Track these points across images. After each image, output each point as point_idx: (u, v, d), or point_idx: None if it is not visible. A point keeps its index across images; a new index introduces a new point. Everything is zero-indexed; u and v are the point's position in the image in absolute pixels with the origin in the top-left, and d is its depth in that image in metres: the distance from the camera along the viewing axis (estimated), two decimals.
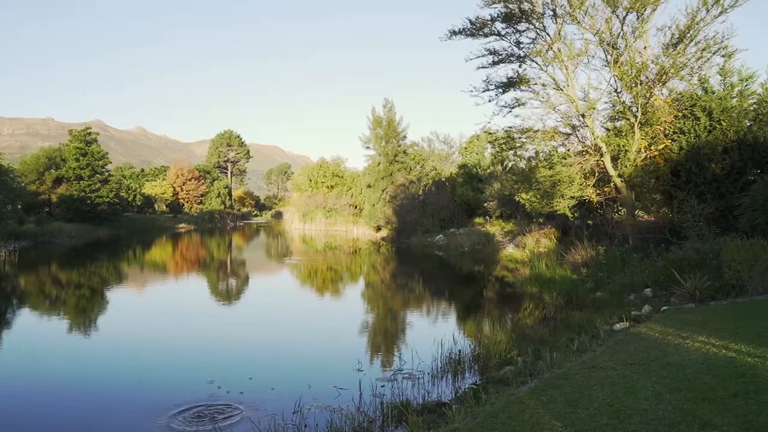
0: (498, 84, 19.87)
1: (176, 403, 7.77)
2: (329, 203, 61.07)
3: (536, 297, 16.06)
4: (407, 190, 43.74)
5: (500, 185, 33.36)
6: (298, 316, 15.84)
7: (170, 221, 69.46)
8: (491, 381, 7.99)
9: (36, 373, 9.77)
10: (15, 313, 16.42)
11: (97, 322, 14.87)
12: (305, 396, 7.92)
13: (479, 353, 9.53)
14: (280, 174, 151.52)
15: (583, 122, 19.28)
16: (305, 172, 69.88)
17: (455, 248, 32.58)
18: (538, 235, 26.31)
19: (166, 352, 11.34)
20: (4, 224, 34.48)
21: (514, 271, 22.31)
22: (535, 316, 13.57)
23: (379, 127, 48.02)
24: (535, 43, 19.05)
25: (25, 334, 13.44)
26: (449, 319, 15.13)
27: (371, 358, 10.72)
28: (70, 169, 50.98)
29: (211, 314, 16.14)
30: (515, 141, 21.37)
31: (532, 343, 9.80)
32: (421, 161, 52.66)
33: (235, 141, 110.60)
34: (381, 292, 20.61)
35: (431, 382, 8.60)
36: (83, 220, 49.31)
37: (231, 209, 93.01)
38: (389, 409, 7.01)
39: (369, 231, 49.52)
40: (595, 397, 5.51)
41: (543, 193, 20.53)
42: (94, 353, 11.41)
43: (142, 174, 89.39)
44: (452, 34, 19.75)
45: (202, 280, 25.03)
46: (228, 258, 35.75)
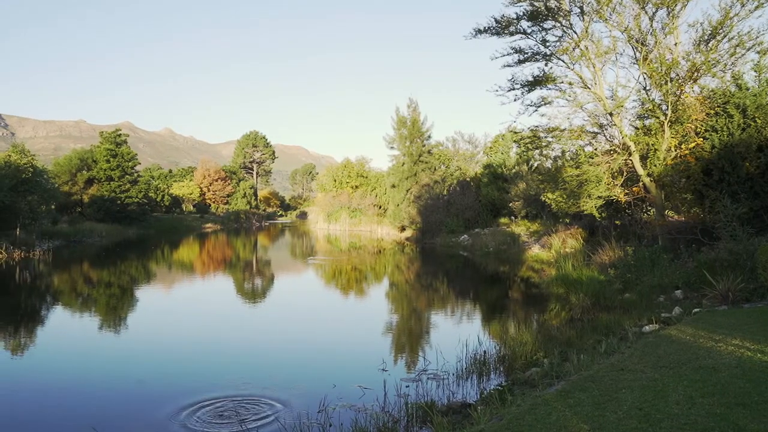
0: (524, 83, 19.65)
1: (201, 399, 7.88)
2: (354, 203, 61.25)
3: (562, 298, 15.85)
4: (432, 190, 43.61)
5: (526, 185, 33.03)
6: (322, 315, 15.92)
7: (197, 221, 70.53)
8: (517, 382, 7.91)
9: (67, 367, 10.03)
10: (49, 310, 16.89)
11: (127, 320, 15.19)
12: (330, 395, 7.96)
13: (504, 354, 9.45)
14: (304, 174, 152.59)
15: (611, 121, 18.96)
16: (330, 172, 70.22)
17: (480, 248, 32.36)
18: (564, 235, 25.96)
19: (192, 349, 11.51)
20: (38, 224, 35.44)
21: (539, 271, 22.06)
22: (562, 318, 13.39)
23: (404, 127, 47.98)
24: (562, 41, 18.80)
25: (58, 330, 13.80)
26: (474, 320, 15.04)
27: (396, 358, 10.72)
28: (101, 170, 52.14)
29: (237, 313, 16.34)
30: (541, 140, 21.11)
31: (558, 345, 9.67)
32: (446, 161, 52.45)
33: (261, 142, 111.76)
34: (405, 292, 20.59)
35: (456, 383, 8.55)
36: (113, 220, 50.40)
37: (256, 209, 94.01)
38: (414, 409, 7.00)
39: (393, 231, 49.51)
40: (624, 401, 5.41)
41: (569, 193, 20.25)
42: (124, 349, 11.65)
43: (170, 175, 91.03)
44: (477, 32, 19.61)
45: (228, 279, 25.35)
46: (253, 258, 36.14)
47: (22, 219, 32.24)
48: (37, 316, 15.66)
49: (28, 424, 7.40)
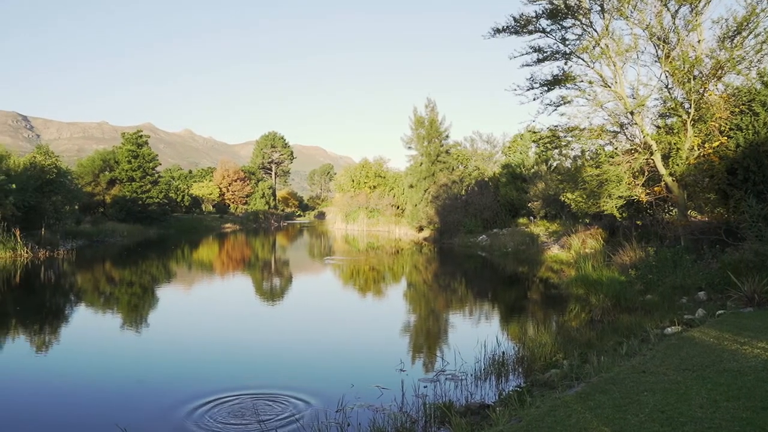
0: (543, 82, 19.47)
1: (220, 397, 7.95)
2: (371, 203, 61.31)
3: (582, 299, 15.68)
4: (450, 190, 43.47)
5: (545, 185, 32.76)
6: (340, 315, 15.97)
7: (216, 221, 71.21)
8: (536, 384, 7.84)
9: (89, 365, 10.20)
10: (73, 308, 17.20)
11: (148, 318, 15.40)
12: (348, 395, 7.97)
13: (523, 355, 9.37)
14: (323, 174, 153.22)
15: (632, 120, 18.70)
16: (348, 172, 70.39)
17: (498, 249, 32.17)
18: (584, 235, 25.69)
19: (212, 348, 11.62)
20: (62, 224, 36.09)
21: (559, 272, 21.86)
22: (581, 319, 13.25)
23: (421, 127, 47.91)
24: (582, 40, 18.58)
25: (82, 328, 14.05)
26: (492, 321, 14.95)
27: (413, 359, 10.70)
28: (123, 171, 52.93)
29: (255, 312, 16.47)
30: (560, 140, 20.90)
31: (578, 346, 9.56)
32: (464, 161, 52.23)
33: (279, 142, 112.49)
34: (423, 293, 20.55)
35: (474, 384, 8.51)
36: (135, 220, 51.13)
37: (275, 209, 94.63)
38: (432, 409, 6.98)
39: (411, 231, 49.45)
40: (646, 403, 5.33)
41: (589, 193, 20.01)
42: (145, 347, 11.82)
43: (189, 175, 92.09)
44: (496, 32, 19.48)
45: (247, 279, 25.56)
46: (272, 257, 36.39)
47: (47, 219, 32.86)
48: (61, 315, 15.96)
49: (52, 421, 7.54)
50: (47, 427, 7.28)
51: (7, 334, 13.15)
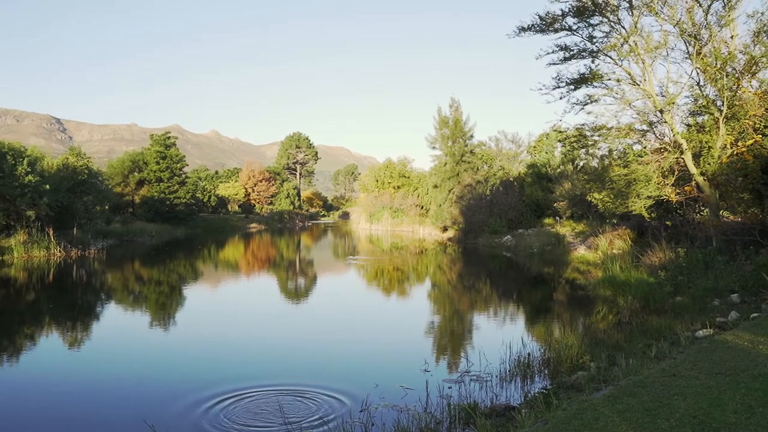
0: (569, 80, 19.22)
1: (244, 393, 8.04)
2: (395, 203, 61.30)
3: (610, 300, 15.43)
4: (474, 190, 43.20)
5: (571, 185, 32.32)
6: (364, 315, 16.00)
7: (242, 221, 72.03)
8: (562, 386, 7.73)
9: (119, 361, 10.42)
10: (104, 306, 17.60)
11: (176, 316, 15.66)
12: (372, 395, 7.98)
13: (549, 357, 9.26)
14: (347, 175, 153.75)
15: (662, 118, 18.32)
16: (372, 172, 70.50)
17: (524, 249, 31.85)
18: (611, 236, 25.26)
19: (237, 346, 11.76)
20: (93, 224, 36.94)
21: (585, 273, 21.55)
22: (609, 321, 13.04)
23: (446, 127, 47.72)
24: (609, 37, 18.29)
25: (112, 325, 14.36)
26: (517, 322, 14.81)
27: (438, 359, 10.66)
28: (152, 172, 53.90)
29: (280, 311, 16.61)
30: (587, 139, 20.60)
31: (605, 349, 9.40)
32: (489, 161, 51.85)
33: (304, 143, 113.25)
34: (447, 293, 20.47)
35: (499, 385, 8.44)
36: (163, 220, 52.02)
37: (300, 210, 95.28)
38: (456, 410, 6.94)
39: (435, 231, 49.30)
40: (677, 408, 5.21)
41: (617, 193, 19.68)
42: (173, 344, 12.03)
43: (216, 176, 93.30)
44: (521, 30, 19.31)
45: (272, 278, 25.79)
46: (297, 257, 36.66)
47: (79, 219, 33.65)
48: (92, 312, 16.34)
49: (81, 416, 7.71)
50: (77, 422, 7.45)
51: (41, 331, 13.51)
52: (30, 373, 9.78)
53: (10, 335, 12.95)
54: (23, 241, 28.05)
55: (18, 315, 15.29)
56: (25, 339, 12.56)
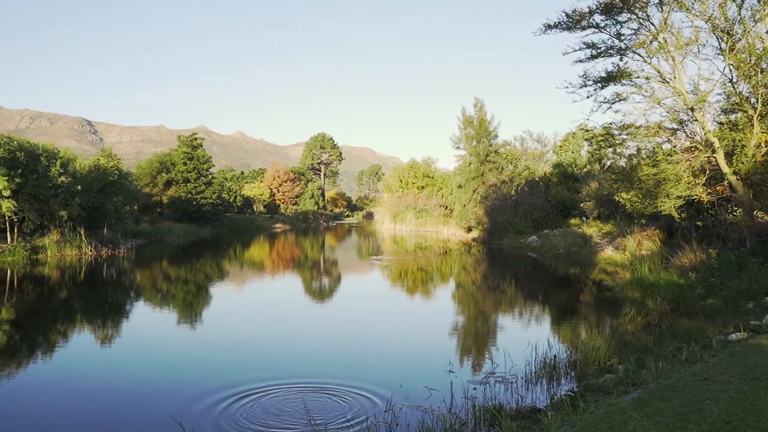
0: (596, 79, 18.92)
1: (268, 391, 8.10)
2: (419, 204, 61.18)
3: (638, 302, 15.15)
4: (499, 190, 42.86)
5: (598, 185, 31.81)
6: (388, 315, 16.00)
7: (267, 221, 72.72)
8: (589, 389, 7.61)
9: (148, 358, 10.62)
10: (133, 304, 17.96)
11: (202, 314, 15.90)
12: (396, 395, 7.98)
13: (576, 359, 9.13)
14: (371, 175, 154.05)
15: (692, 116, 17.91)
16: (396, 172, 70.48)
17: (549, 250, 31.48)
18: (639, 236, 24.80)
19: (261, 343, 11.88)
20: (123, 223, 37.73)
21: (613, 274, 21.20)
22: (637, 323, 12.79)
23: (470, 127, 47.45)
24: (638, 34, 17.94)
25: (141, 323, 14.65)
26: (543, 323, 14.64)
27: (462, 360, 10.61)
28: (179, 173, 54.79)
29: (304, 311, 16.72)
30: (615, 138, 20.24)
31: (634, 351, 9.23)
32: (514, 161, 51.37)
33: (328, 143, 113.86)
34: (472, 294, 20.34)
35: (525, 387, 8.35)
36: (190, 220, 52.83)
37: (324, 210, 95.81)
38: (481, 412, 6.88)
39: (459, 232, 49.05)
40: (709, 413, 5.08)
41: (645, 193, 19.28)
42: (199, 341, 12.21)
43: (241, 176, 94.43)
44: (547, 28, 19.07)
45: (296, 278, 25.98)
46: (321, 257, 36.86)
47: (109, 219, 34.41)
48: (122, 310, 16.69)
49: (110, 412, 7.87)
50: (106, 418, 7.60)
51: (73, 328, 13.85)
52: (61, 370, 10.03)
53: (44, 332, 13.30)
54: (56, 240, 28.80)
55: (51, 312, 15.71)
56: (58, 336, 12.89)
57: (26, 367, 10.35)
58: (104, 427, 7.26)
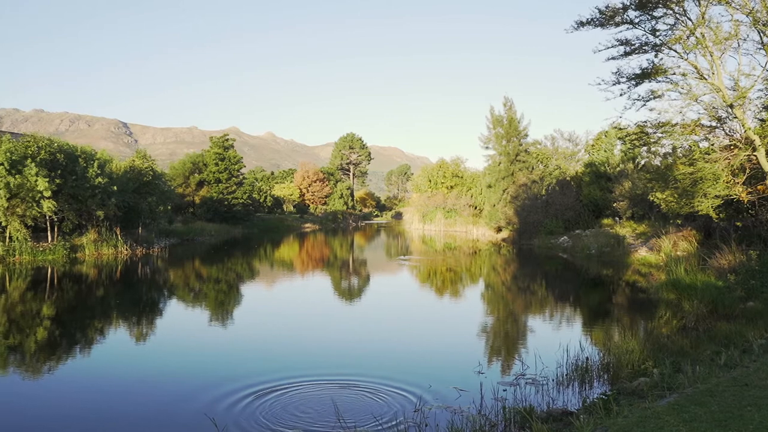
0: (630, 76, 18.51)
1: (299, 392, 8.17)
2: (449, 204, 60.90)
3: (674, 304, 14.78)
4: (529, 190, 42.35)
5: (631, 184, 31.17)
6: (417, 315, 15.96)
7: (297, 221, 73.40)
8: (623, 392, 7.45)
9: (182, 354, 10.83)
10: (166, 302, 18.35)
11: (233, 312, 16.15)
12: (426, 395, 7.95)
13: (608, 362, 8.95)
14: (400, 175, 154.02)
15: (732, 113, 17.37)
16: (425, 172, 70.30)
17: (581, 250, 30.97)
18: (675, 237, 24.20)
19: (291, 341, 11.98)
20: (157, 223, 38.57)
21: (647, 275, 20.73)
22: (673, 325, 12.48)
23: (499, 126, 47.02)
24: (674, 30, 17.48)
25: (174, 320, 14.96)
26: (574, 325, 14.40)
27: (492, 361, 10.51)
28: (211, 173, 55.74)
29: (334, 310, 16.81)
30: (649, 136, 19.77)
31: (669, 355, 9.00)
32: (544, 160, 50.68)
33: (357, 144, 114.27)
34: (501, 294, 20.15)
35: (556, 389, 8.23)
36: (221, 220, 53.69)
37: (353, 210, 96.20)
38: (512, 414, 6.80)
39: (489, 232, 48.65)
40: (750, 419, 4.92)
41: (681, 192, 18.79)
42: (230, 339, 12.39)
43: (271, 177, 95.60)
44: (579, 25, 18.75)
45: (325, 277, 26.15)
46: (350, 257, 37.01)
47: (143, 219, 35.23)
48: (156, 307, 17.07)
49: (144, 408, 8.04)
50: (139, 414, 7.77)
51: (109, 325, 14.22)
52: (96, 366, 10.31)
53: (82, 328, 13.71)
54: (94, 239, 29.62)
55: (89, 310, 16.16)
56: (95, 332, 13.26)
57: (64, 362, 10.67)
58: (138, 424, 7.42)
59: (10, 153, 25.86)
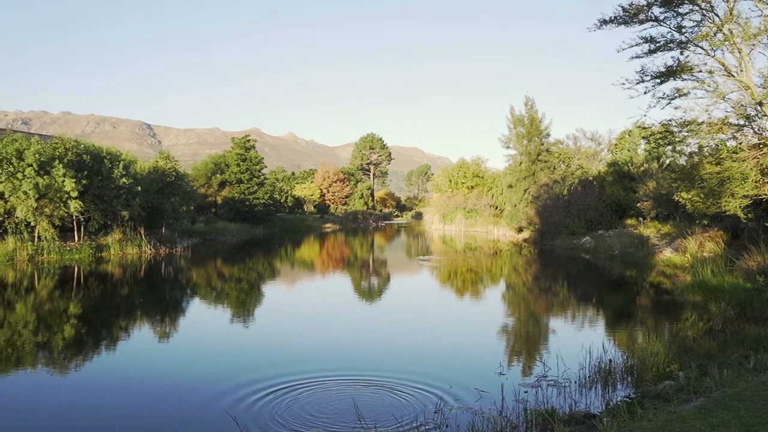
0: (655, 74, 18.22)
1: (320, 391, 8.20)
2: (469, 204, 60.59)
3: (700, 306, 14.49)
4: (551, 190, 41.92)
5: (656, 184, 30.64)
6: (438, 315, 15.90)
7: (317, 221, 73.75)
8: (647, 395, 7.33)
9: (204, 353, 10.96)
10: (189, 301, 18.58)
11: (254, 311, 16.27)
12: (446, 396, 7.92)
13: (632, 364, 8.82)
14: (420, 175, 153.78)
15: (761, 111, 16.98)
16: (445, 172, 70.04)
17: (604, 251, 30.55)
18: (701, 238, 23.72)
19: (311, 340, 12.03)
20: (180, 223, 39.10)
21: (672, 277, 20.35)
22: (699, 328, 12.24)
23: (520, 126, 46.64)
24: (701, 26, 17.16)
25: (196, 318, 15.14)
26: (597, 326, 14.21)
27: (513, 362, 10.43)
28: (232, 174, 56.30)
29: (354, 310, 16.84)
30: (674, 135, 19.44)
31: (696, 358, 8.83)
32: (566, 159, 50.11)
33: (378, 144, 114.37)
34: (523, 295, 19.98)
35: (578, 392, 8.13)
36: (242, 220, 54.19)
37: (373, 210, 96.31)
38: (533, 416, 6.74)
39: (510, 232, 48.28)
40: None
41: (708, 192, 18.43)
42: (252, 337, 12.50)
43: (292, 177, 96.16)
44: (602, 23, 18.51)
45: (346, 277, 26.21)
46: (370, 257, 37.06)
47: (167, 218, 35.73)
48: (179, 306, 17.30)
49: (165, 407, 8.15)
50: (162, 412, 7.88)
51: (133, 324, 14.46)
52: (120, 363, 10.49)
53: (107, 326, 13.96)
54: (118, 239, 30.13)
55: (114, 308, 16.45)
56: (120, 330, 13.48)
57: (90, 359, 10.88)
58: (160, 422, 7.52)
59: (39, 154, 26.45)
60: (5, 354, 10.85)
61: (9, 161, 25.87)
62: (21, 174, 25.68)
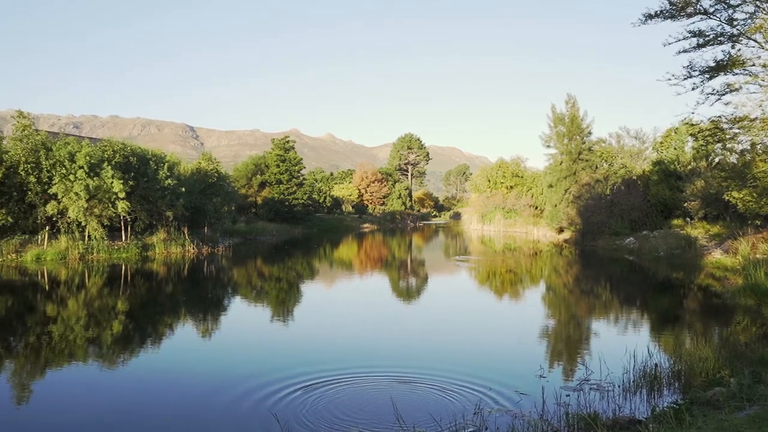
0: (703, 69, 17.60)
1: (360, 390, 8.23)
2: (508, 204, 59.86)
3: (752, 311, 13.90)
4: (592, 189, 41.00)
5: (704, 183, 29.59)
6: (477, 316, 15.76)
7: (355, 221, 74.17)
8: (696, 402, 7.07)
9: (244, 351, 11.16)
10: (230, 299, 18.99)
11: (294, 311, 16.49)
12: (485, 397, 7.84)
13: (680, 369, 8.52)
14: (458, 175, 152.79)
15: None
16: (484, 172, 69.41)
17: (648, 252, 29.67)
18: (754, 239, 22.75)
19: (350, 339, 12.10)
20: (221, 223, 39.96)
21: (722, 279, 19.59)
22: (752, 333, 11.74)
23: (561, 124, 45.82)
24: (754, 18, 16.47)
25: (237, 316, 15.45)
26: (642, 330, 13.79)
27: (554, 365, 10.23)
28: (272, 174, 57.20)
29: (392, 310, 16.85)
30: (724, 132, 18.74)
31: (748, 364, 8.47)
32: (609, 158, 48.93)
33: (415, 144, 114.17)
34: (564, 297, 19.59)
35: (622, 396, 7.91)
36: (282, 220, 54.99)
37: (411, 210, 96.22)
38: (575, 420, 6.60)
39: (550, 232, 47.45)
40: None
41: (761, 191, 17.71)
42: (291, 336, 12.66)
43: (331, 177, 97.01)
44: (648, 18, 18.00)
45: (384, 277, 26.26)
46: (408, 257, 37.03)
47: (209, 219, 36.57)
48: (221, 304, 17.69)
49: (210, 405, 8.32)
50: (204, 410, 8.05)
51: (177, 321, 14.85)
52: (164, 360, 10.78)
53: (153, 323, 14.39)
54: (163, 238, 31.02)
55: (160, 306, 16.94)
56: (165, 327, 13.88)
57: (136, 355, 11.22)
58: (203, 419, 7.69)
59: (89, 157, 27.48)
60: (59, 348, 11.32)
61: (62, 164, 26.97)
62: (73, 176, 26.73)
